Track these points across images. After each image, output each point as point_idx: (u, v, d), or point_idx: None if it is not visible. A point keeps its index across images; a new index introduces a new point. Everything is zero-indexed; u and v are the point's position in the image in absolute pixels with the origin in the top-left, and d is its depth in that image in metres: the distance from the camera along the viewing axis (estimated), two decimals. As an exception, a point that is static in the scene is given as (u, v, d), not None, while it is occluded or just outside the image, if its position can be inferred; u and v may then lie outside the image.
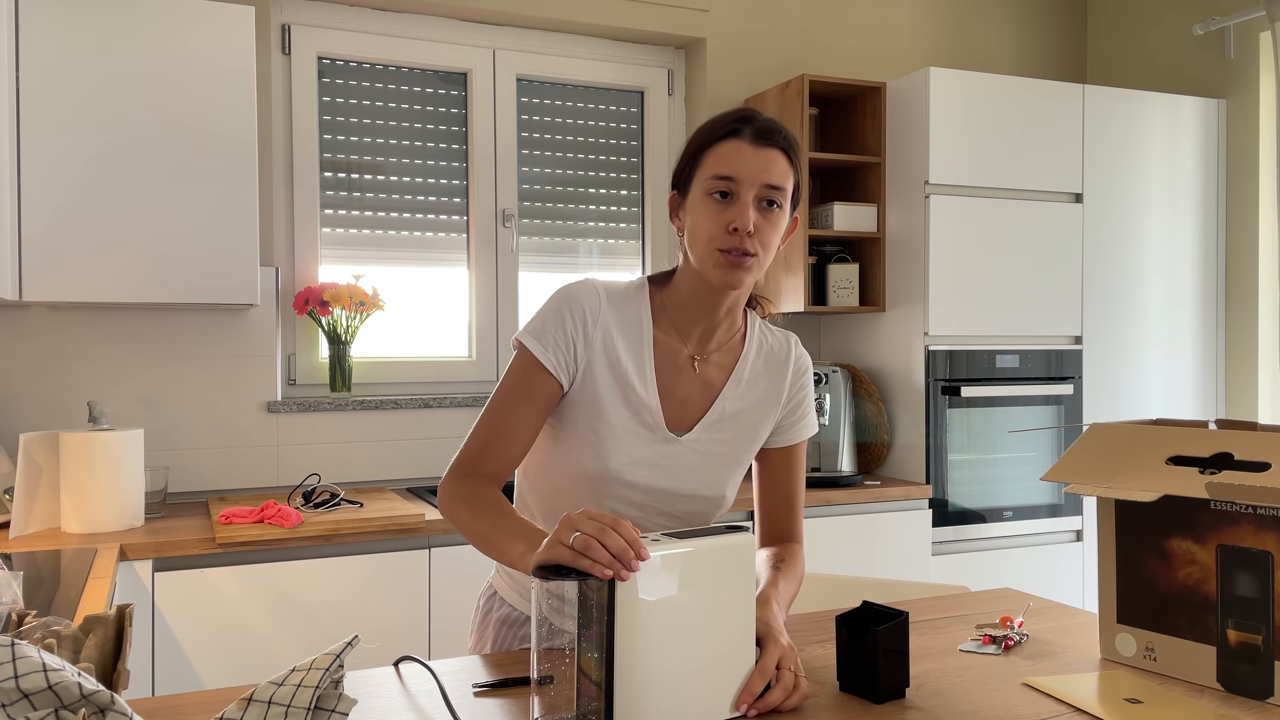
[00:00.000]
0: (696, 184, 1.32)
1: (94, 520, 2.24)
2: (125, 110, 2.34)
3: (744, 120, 1.31)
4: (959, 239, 3.03)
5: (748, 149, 1.29)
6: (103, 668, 0.96)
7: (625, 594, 0.99)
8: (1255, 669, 1.14)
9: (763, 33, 3.38)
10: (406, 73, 3.05)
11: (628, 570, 0.98)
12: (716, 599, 1.06)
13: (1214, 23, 3.39)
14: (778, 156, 1.30)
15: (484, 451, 1.33)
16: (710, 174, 1.29)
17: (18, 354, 2.56)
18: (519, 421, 1.33)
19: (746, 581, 1.09)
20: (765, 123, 1.31)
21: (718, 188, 1.29)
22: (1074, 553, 3.21)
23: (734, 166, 1.28)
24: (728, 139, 1.30)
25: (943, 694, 1.16)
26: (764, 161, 1.28)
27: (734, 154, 1.29)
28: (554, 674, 1.01)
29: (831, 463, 3.00)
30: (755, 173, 1.28)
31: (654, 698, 1.01)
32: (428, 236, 3.08)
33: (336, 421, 2.85)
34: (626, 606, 0.99)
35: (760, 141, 1.29)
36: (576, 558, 0.99)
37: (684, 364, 1.39)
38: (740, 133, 1.29)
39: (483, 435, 1.34)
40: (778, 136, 1.31)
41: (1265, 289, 3.36)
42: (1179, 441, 1.25)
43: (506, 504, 1.28)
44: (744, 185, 1.28)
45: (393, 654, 2.32)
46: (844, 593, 1.78)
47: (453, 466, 1.34)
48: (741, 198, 1.28)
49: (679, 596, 1.03)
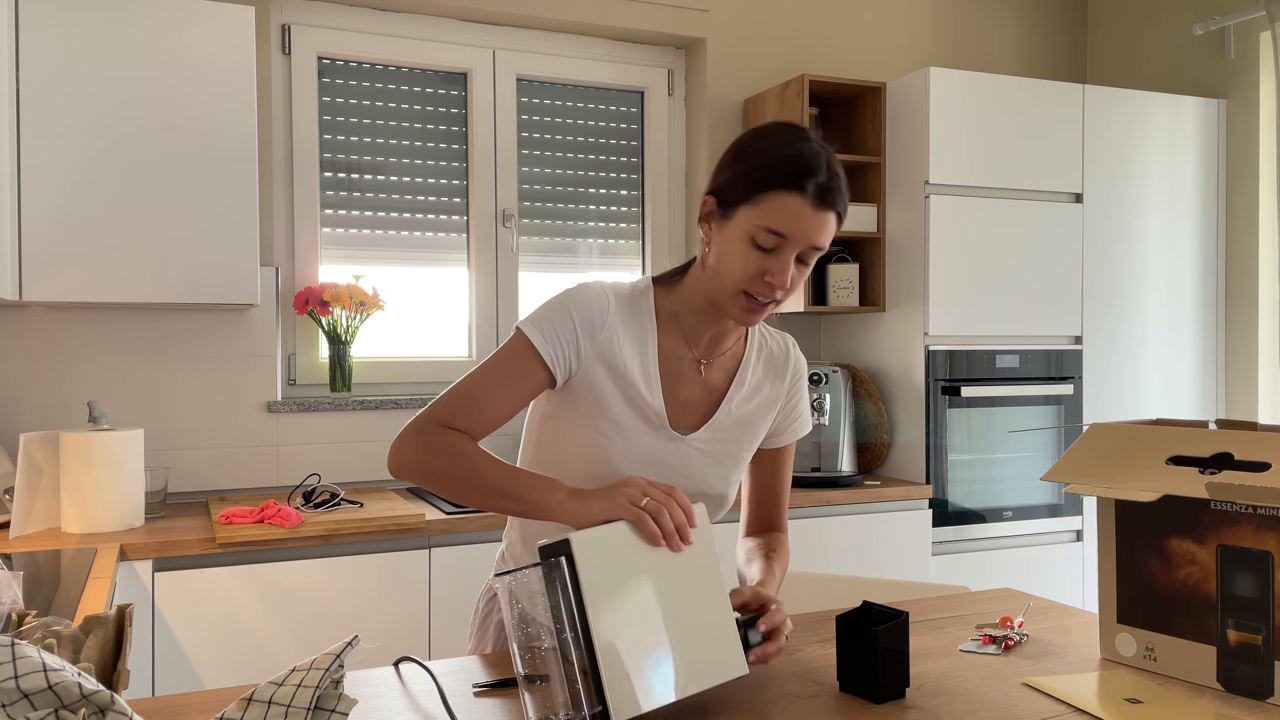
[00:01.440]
0: (743, 218, 1.26)
1: (94, 520, 2.24)
2: (125, 110, 2.34)
3: (809, 174, 1.24)
4: (959, 239, 3.03)
5: (807, 210, 1.23)
6: (103, 668, 0.96)
7: (589, 570, 1.01)
8: (1255, 669, 1.14)
9: (763, 33, 3.38)
10: (406, 73, 3.05)
11: (685, 543, 1.09)
12: (681, 561, 1.09)
13: (1214, 23, 3.39)
14: (831, 219, 1.26)
15: (459, 414, 1.30)
16: (762, 224, 1.24)
17: (18, 354, 2.56)
18: (500, 399, 1.31)
19: (705, 542, 1.13)
20: (829, 182, 1.25)
21: (765, 240, 1.24)
22: (1074, 553, 3.21)
23: (788, 225, 1.23)
24: (790, 191, 1.23)
25: (943, 694, 1.16)
26: (819, 225, 1.25)
27: (793, 212, 1.23)
28: (542, 671, 1.01)
29: (831, 463, 3.00)
30: (807, 235, 1.24)
31: (640, 667, 1.02)
32: (428, 236, 3.08)
33: (336, 421, 2.85)
34: (594, 583, 1.01)
35: (821, 204, 1.24)
36: (641, 517, 1.07)
37: (688, 366, 1.40)
38: (804, 189, 1.23)
39: (460, 399, 1.30)
40: (838, 200, 1.26)
41: (1265, 289, 3.36)
42: (1179, 441, 1.25)
43: (499, 460, 1.26)
44: (792, 244, 1.25)
45: (393, 654, 2.32)
46: (844, 593, 1.78)
47: (424, 418, 1.29)
48: (785, 254, 1.25)
49: (641, 565, 1.06)
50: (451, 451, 1.27)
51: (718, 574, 1.13)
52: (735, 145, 1.31)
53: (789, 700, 1.14)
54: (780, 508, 1.55)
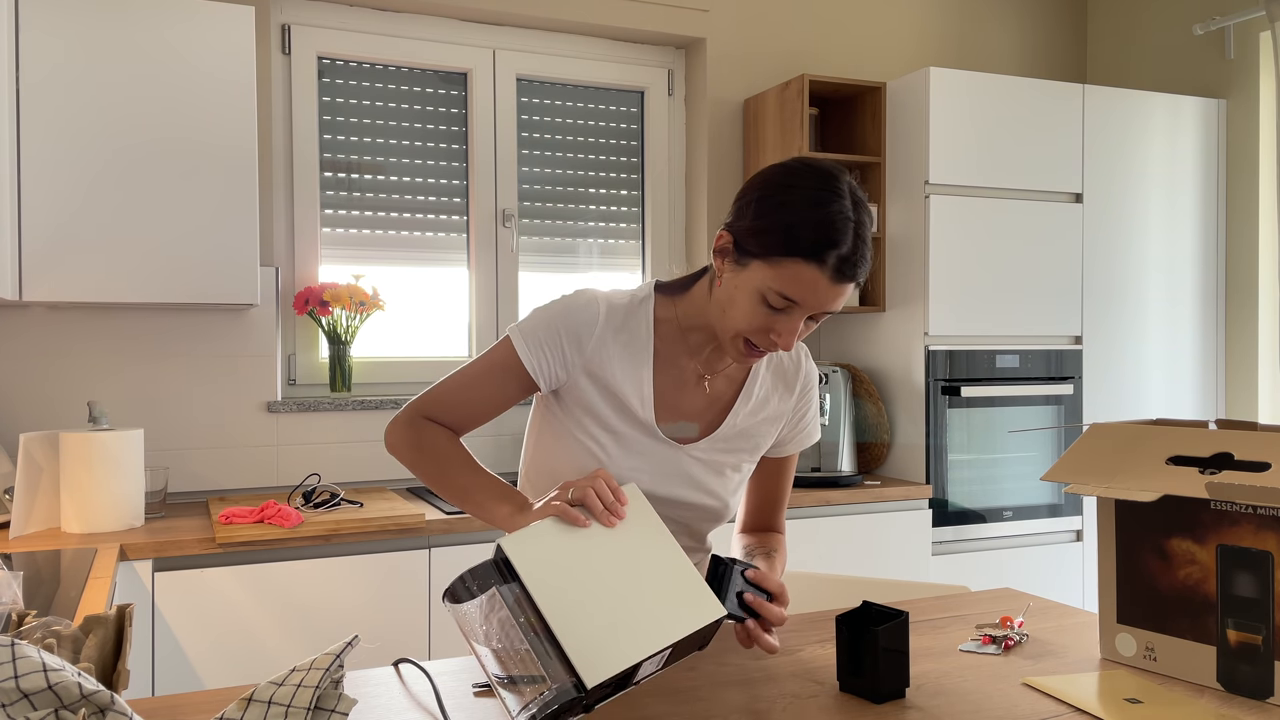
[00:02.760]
0: (757, 273, 1.21)
1: (94, 520, 2.24)
2: (125, 110, 2.34)
3: (833, 246, 1.17)
4: (959, 239, 3.03)
5: (824, 283, 1.19)
6: (103, 668, 0.96)
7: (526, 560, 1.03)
8: (1255, 669, 1.14)
9: (763, 33, 3.38)
10: (406, 73, 3.05)
11: (616, 517, 1.11)
12: (622, 532, 1.11)
13: (1214, 23, 3.39)
14: (849, 288, 1.22)
15: (444, 409, 1.38)
16: (776, 287, 1.20)
17: (18, 354, 2.56)
18: (481, 401, 1.38)
19: (643, 510, 1.15)
20: (853, 254, 1.19)
21: (777, 301, 1.21)
22: (1074, 553, 3.21)
23: (802, 295, 1.19)
24: (810, 263, 1.17)
25: (943, 694, 1.16)
26: (835, 295, 1.21)
27: (809, 283, 1.18)
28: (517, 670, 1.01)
29: (831, 463, 3.00)
30: (821, 304, 1.21)
31: (602, 632, 1.01)
32: (428, 236, 3.08)
33: (336, 421, 2.85)
34: (534, 571, 1.03)
35: (840, 278, 1.19)
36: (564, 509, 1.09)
37: (690, 377, 1.39)
38: (825, 262, 1.17)
39: (446, 395, 1.38)
40: (859, 272, 1.21)
41: (1265, 289, 3.36)
42: (1179, 441, 1.25)
43: (478, 463, 1.35)
44: (804, 309, 1.22)
45: (392, 654, 2.32)
46: (844, 593, 1.78)
47: (413, 407, 1.39)
48: (794, 316, 1.22)
49: (581, 546, 1.08)
50: (429, 447, 1.35)
51: (665, 535, 1.13)
52: (761, 186, 1.24)
53: (789, 700, 1.14)
54: (779, 511, 1.55)
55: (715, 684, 1.19)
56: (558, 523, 1.09)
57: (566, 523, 1.10)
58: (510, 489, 1.29)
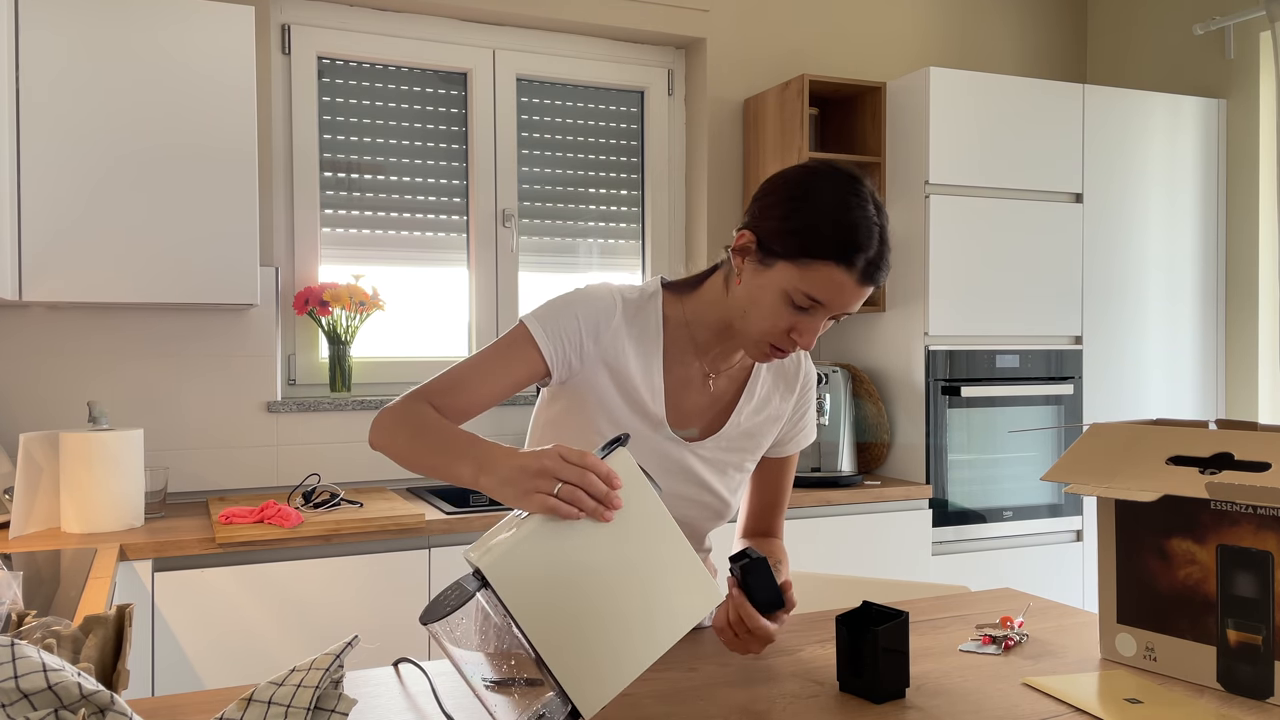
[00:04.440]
0: (783, 273, 1.22)
1: (94, 520, 2.24)
2: (125, 110, 2.34)
3: (860, 250, 1.19)
4: (959, 239, 3.03)
5: (851, 285, 1.20)
6: (103, 668, 0.96)
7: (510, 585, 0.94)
8: (1255, 669, 1.14)
9: (763, 33, 3.38)
10: (406, 73, 3.05)
11: (612, 509, 0.98)
12: (619, 520, 1.01)
13: (1214, 23, 3.39)
14: (870, 290, 1.23)
15: (446, 392, 1.28)
16: (803, 288, 1.21)
17: (18, 354, 2.56)
18: (491, 381, 1.29)
19: (639, 488, 1.03)
20: (878, 257, 1.21)
21: (802, 301, 1.22)
22: (1074, 553, 3.21)
23: (829, 296, 1.21)
24: (838, 265, 1.19)
25: (943, 694, 1.16)
26: (859, 296, 1.23)
27: (836, 286, 1.20)
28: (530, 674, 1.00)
29: (831, 463, 3.00)
30: (845, 305, 1.23)
31: (599, 651, 0.97)
32: (428, 236, 3.08)
33: (336, 421, 2.85)
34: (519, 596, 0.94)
35: (866, 280, 1.21)
36: (555, 508, 0.97)
37: (695, 375, 1.39)
38: (853, 265, 1.19)
39: (451, 379, 1.29)
40: (883, 275, 1.23)
41: (1265, 289, 3.36)
42: (1179, 441, 1.25)
43: (450, 424, 1.22)
44: (828, 310, 1.23)
45: (392, 654, 2.32)
46: (844, 593, 1.78)
47: (409, 394, 1.28)
48: (818, 316, 1.24)
49: (573, 545, 0.99)
50: (412, 418, 1.23)
51: (660, 510, 1.04)
52: (784, 187, 1.25)
53: (789, 700, 1.14)
54: (778, 514, 1.55)
55: (715, 684, 1.19)
56: (544, 522, 0.99)
57: (554, 518, 0.99)
58: (473, 439, 1.15)
